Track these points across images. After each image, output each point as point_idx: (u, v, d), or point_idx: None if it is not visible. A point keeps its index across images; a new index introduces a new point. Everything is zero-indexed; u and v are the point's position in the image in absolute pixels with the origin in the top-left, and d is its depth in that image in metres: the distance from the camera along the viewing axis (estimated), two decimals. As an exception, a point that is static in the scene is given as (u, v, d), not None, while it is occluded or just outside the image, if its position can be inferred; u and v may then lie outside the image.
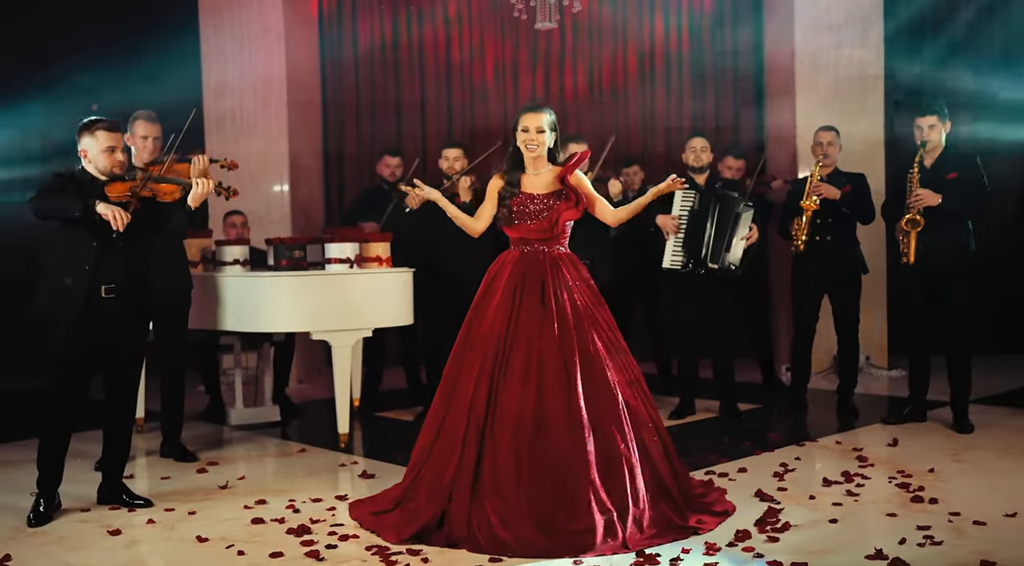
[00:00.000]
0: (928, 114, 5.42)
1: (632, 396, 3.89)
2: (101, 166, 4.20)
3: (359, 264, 5.41)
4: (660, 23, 8.73)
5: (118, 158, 4.21)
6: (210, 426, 6.22)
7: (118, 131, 4.25)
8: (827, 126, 6.14)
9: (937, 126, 5.42)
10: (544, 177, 4.06)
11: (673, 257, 5.88)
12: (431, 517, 3.70)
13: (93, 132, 4.19)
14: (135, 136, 5.02)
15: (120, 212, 4.01)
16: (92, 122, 4.22)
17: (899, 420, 5.67)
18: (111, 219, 4.00)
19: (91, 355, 4.19)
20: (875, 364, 7.65)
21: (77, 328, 4.10)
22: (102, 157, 4.18)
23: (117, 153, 4.20)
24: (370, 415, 6.47)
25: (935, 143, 5.44)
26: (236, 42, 7.89)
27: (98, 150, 4.18)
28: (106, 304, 4.14)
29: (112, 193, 4.18)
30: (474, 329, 3.99)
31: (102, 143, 4.17)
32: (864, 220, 6.07)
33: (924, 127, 5.43)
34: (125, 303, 4.21)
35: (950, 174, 5.39)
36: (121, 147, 4.23)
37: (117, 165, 4.21)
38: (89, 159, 4.22)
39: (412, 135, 8.81)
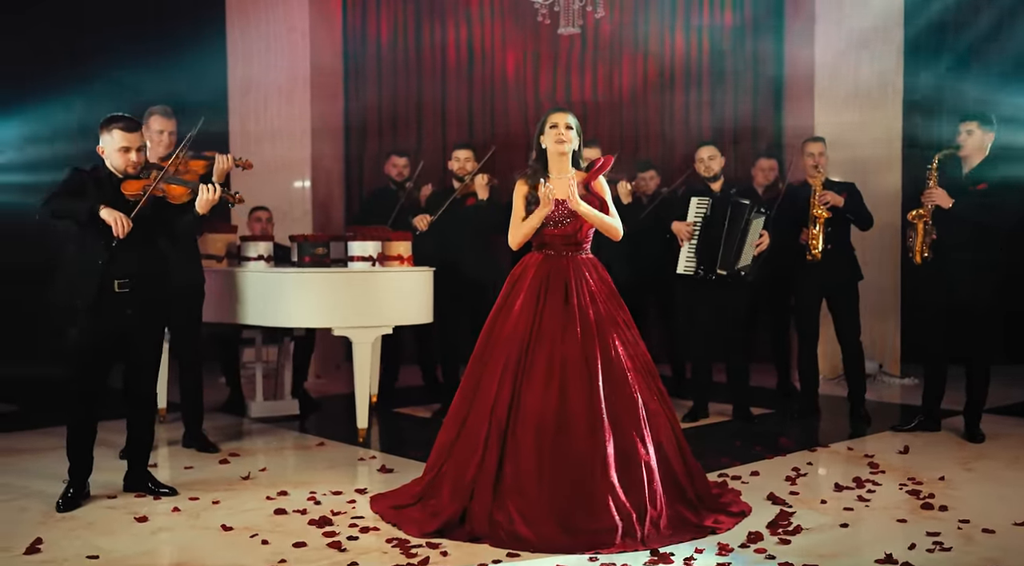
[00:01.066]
0: (969, 119, 5.42)
1: (651, 398, 3.97)
2: (115, 164, 4.27)
3: (381, 262, 5.51)
4: (680, 29, 8.81)
5: (132, 158, 4.24)
6: (230, 418, 6.33)
7: (136, 131, 4.27)
8: (816, 137, 6.26)
9: (976, 133, 5.38)
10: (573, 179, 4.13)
11: (687, 263, 5.96)
12: (453, 514, 3.79)
13: (111, 130, 4.25)
14: (150, 131, 5.12)
15: (123, 219, 4.09)
16: (111, 120, 4.27)
17: (910, 428, 5.72)
18: (113, 224, 4.08)
19: (109, 347, 4.29)
20: (888, 372, 7.71)
21: (93, 320, 4.20)
22: (116, 156, 4.25)
23: (132, 153, 4.24)
24: (387, 411, 6.57)
25: (971, 149, 5.40)
26: (262, 40, 8.02)
27: (113, 149, 4.24)
28: (120, 298, 4.24)
29: (127, 191, 4.26)
30: (497, 330, 4.06)
31: (117, 142, 4.23)
32: (865, 226, 6.14)
33: (963, 131, 5.42)
34: (139, 297, 4.29)
35: (980, 185, 5.37)
36: (137, 147, 4.25)
37: (131, 165, 4.26)
38: (106, 156, 4.30)
39: (433, 137, 8.91)
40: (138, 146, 4.27)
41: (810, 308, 6.16)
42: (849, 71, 7.75)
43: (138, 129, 4.30)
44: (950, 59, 8.24)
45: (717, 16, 8.80)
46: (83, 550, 3.63)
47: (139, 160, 4.29)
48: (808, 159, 6.08)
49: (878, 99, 7.76)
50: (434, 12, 8.89)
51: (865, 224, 6.12)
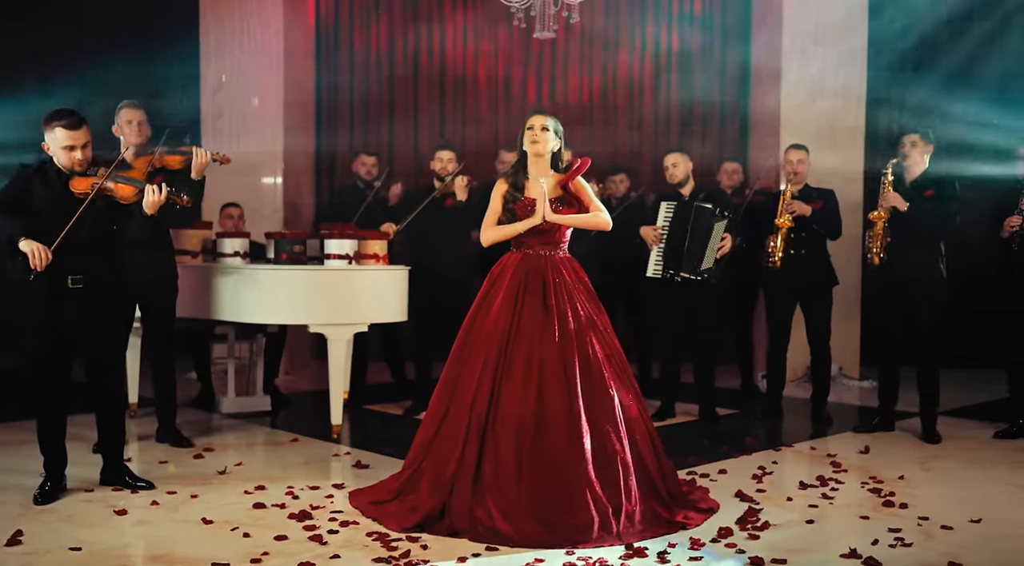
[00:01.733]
0: (912, 132, 5.69)
1: (627, 397, 4.08)
2: (61, 162, 4.24)
3: (357, 260, 5.57)
4: (651, 35, 8.97)
5: (77, 156, 4.20)
6: (200, 413, 6.35)
7: (79, 129, 4.19)
8: (797, 145, 6.38)
9: (919, 145, 5.65)
10: (547, 183, 4.23)
11: (655, 266, 6.10)
12: (432, 508, 3.87)
13: (53, 128, 4.18)
14: (121, 124, 5.15)
15: (41, 251, 4.00)
16: (53, 116, 4.19)
17: (869, 429, 5.91)
18: (30, 257, 4.00)
19: (66, 342, 4.26)
20: (848, 374, 7.91)
21: (48, 317, 4.18)
22: (61, 154, 4.21)
23: (76, 152, 4.19)
24: (358, 408, 6.62)
25: (914, 160, 5.66)
26: (235, 37, 8.03)
27: (57, 147, 4.21)
28: (74, 294, 4.22)
29: (75, 188, 4.24)
30: (476, 328, 4.14)
31: (60, 141, 4.18)
32: (832, 236, 6.30)
33: (907, 143, 5.69)
34: (94, 293, 4.27)
35: (927, 192, 5.62)
36: (82, 144, 4.20)
37: (76, 163, 4.21)
38: (52, 153, 4.26)
39: (405, 137, 8.97)
40: (83, 143, 4.21)
41: (783, 312, 6.32)
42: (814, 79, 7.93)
43: (81, 126, 4.21)
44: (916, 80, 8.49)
45: (686, 22, 8.96)
46: (65, 542, 3.66)
47: (85, 157, 4.23)
48: (787, 166, 6.25)
49: (842, 108, 7.95)
50: (407, 11, 8.95)
51: (833, 234, 6.28)
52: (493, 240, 4.26)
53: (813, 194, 6.25)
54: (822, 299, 6.30)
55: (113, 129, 5.24)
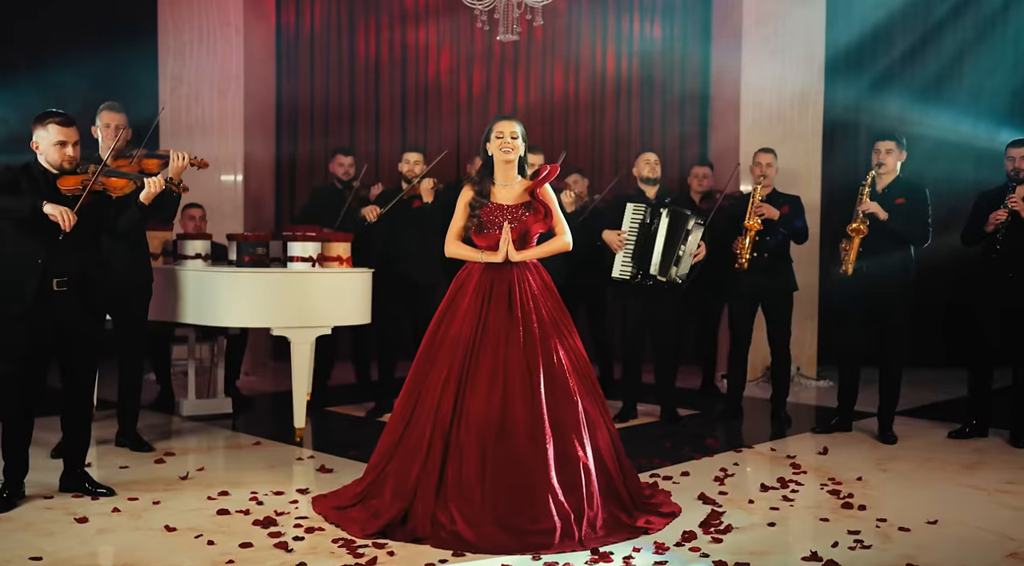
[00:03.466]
0: (888, 139, 5.76)
1: (590, 403, 4.10)
2: (51, 159, 4.23)
3: (321, 263, 5.55)
4: (612, 40, 9.02)
5: (68, 153, 4.21)
6: (160, 416, 6.28)
7: (72, 126, 4.23)
8: (766, 148, 6.44)
9: (894, 152, 5.73)
10: (514, 189, 4.24)
11: (622, 267, 6.12)
12: (395, 514, 3.86)
13: (46, 125, 4.20)
14: (100, 125, 5.12)
15: (67, 213, 4.06)
16: (45, 114, 4.23)
17: (827, 430, 6.00)
18: (59, 219, 4.05)
19: (47, 345, 4.25)
20: (805, 374, 8.03)
21: (31, 320, 4.15)
22: (52, 150, 4.21)
23: (68, 148, 4.21)
24: (321, 409, 6.60)
25: (889, 168, 5.75)
26: (194, 32, 7.95)
27: (49, 143, 4.20)
28: (58, 297, 4.20)
29: (64, 186, 4.22)
30: (441, 334, 4.14)
31: (53, 137, 4.19)
32: (798, 240, 6.39)
33: (882, 150, 5.75)
34: (77, 296, 4.26)
35: (898, 200, 5.71)
36: (73, 141, 4.22)
37: (67, 160, 4.22)
38: (41, 151, 4.25)
39: (366, 137, 8.95)
40: (74, 141, 4.24)
41: (744, 314, 6.40)
42: (773, 86, 8.03)
43: (73, 124, 4.26)
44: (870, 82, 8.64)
45: (648, 28, 9.02)
46: (25, 551, 3.60)
47: (75, 155, 4.25)
48: (756, 168, 6.31)
49: (799, 114, 8.07)
50: (368, 10, 8.92)
51: (798, 238, 6.36)
52: (454, 255, 4.28)
53: (780, 199, 6.32)
54: (783, 303, 6.38)
55: (92, 129, 5.18)
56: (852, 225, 5.70)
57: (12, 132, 7.03)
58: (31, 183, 4.21)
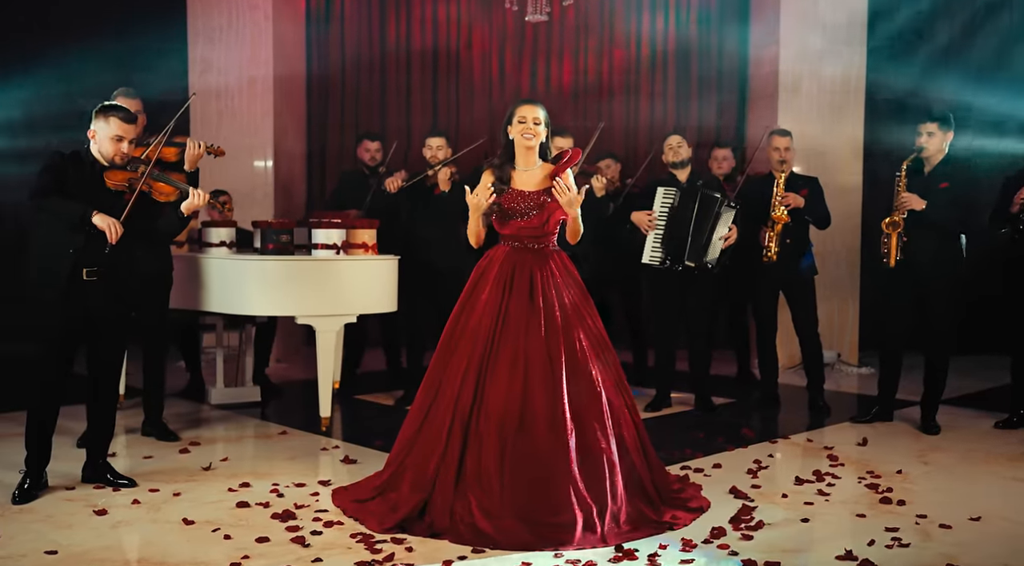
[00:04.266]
0: (930, 121, 5.50)
1: (614, 393, 3.98)
2: (105, 152, 4.23)
3: (345, 250, 5.46)
4: (647, 22, 8.81)
5: (123, 149, 4.23)
6: (189, 404, 6.26)
7: (133, 124, 4.27)
8: (782, 130, 6.22)
9: (937, 135, 5.46)
10: (535, 174, 4.11)
11: (652, 253, 5.97)
12: (413, 507, 3.78)
13: (108, 118, 4.21)
14: None
15: (115, 225, 4.08)
16: (110, 108, 4.24)
17: (867, 419, 5.81)
18: (107, 231, 4.07)
19: (75, 334, 4.23)
20: (846, 361, 7.82)
21: (60, 308, 4.14)
22: (108, 143, 4.21)
23: (124, 144, 4.22)
24: (350, 398, 6.54)
25: (933, 150, 5.48)
26: (223, 17, 7.88)
27: (106, 136, 4.20)
28: (88, 286, 4.18)
29: (110, 180, 4.24)
30: (462, 323, 4.04)
31: (112, 130, 4.20)
32: (822, 225, 6.18)
33: (924, 133, 5.50)
34: (106, 286, 4.24)
35: (942, 184, 5.46)
36: (130, 139, 4.24)
37: (120, 155, 4.23)
38: (96, 141, 4.25)
39: (397, 121, 8.85)
40: (131, 138, 4.27)
41: (767, 301, 6.23)
42: (814, 66, 7.78)
43: (134, 121, 4.30)
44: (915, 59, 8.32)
45: (684, 8, 8.80)
46: (41, 545, 3.57)
47: (129, 152, 4.27)
48: (774, 153, 6.10)
49: (842, 95, 7.81)
50: (400, -3, 8.81)
51: (822, 223, 6.17)
52: (474, 240, 4.15)
53: (799, 182, 6.13)
54: (805, 288, 6.19)
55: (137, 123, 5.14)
56: (888, 219, 5.48)
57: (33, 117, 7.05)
58: (78, 172, 4.21)
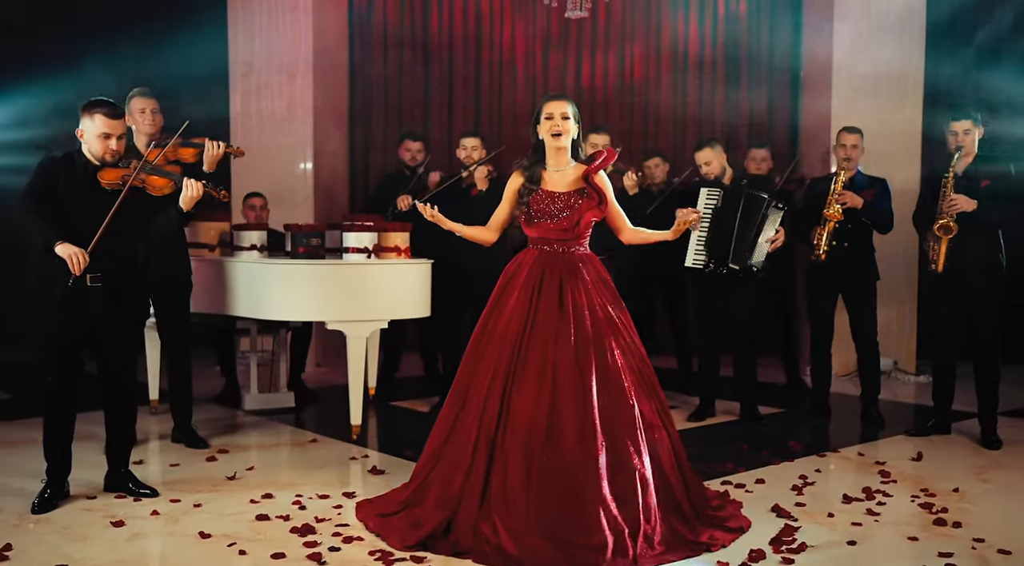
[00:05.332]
0: (963, 118, 5.24)
1: (648, 406, 3.77)
2: (94, 150, 4.11)
3: (377, 254, 5.32)
4: (695, 14, 8.55)
5: (112, 146, 4.09)
6: (224, 410, 6.18)
7: (119, 118, 4.12)
8: (852, 127, 5.94)
9: (972, 132, 5.25)
10: (567, 174, 3.94)
11: (696, 255, 5.75)
12: (437, 525, 3.62)
13: (92, 115, 4.08)
14: (133, 113, 5.01)
15: (79, 256, 3.91)
16: (94, 104, 4.10)
17: (923, 432, 5.52)
18: (69, 263, 3.91)
19: (80, 341, 4.13)
20: (903, 369, 7.49)
21: (64, 315, 4.03)
22: (96, 142, 4.09)
23: (112, 141, 4.08)
24: (385, 404, 6.41)
25: (969, 149, 5.26)
26: (264, 18, 7.81)
27: (93, 134, 4.08)
28: (92, 292, 4.07)
29: (104, 179, 4.11)
30: (488, 330, 3.88)
31: (98, 128, 4.07)
32: (883, 230, 5.91)
33: (959, 132, 5.25)
34: (112, 291, 4.12)
35: (983, 182, 5.21)
36: (118, 135, 4.10)
37: (110, 153, 4.10)
38: (84, 141, 4.14)
39: (439, 120, 8.71)
40: (119, 134, 4.11)
41: (824, 307, 5.95)
42: (868, 60, 7.47)
43: (122, 116, 4.14)
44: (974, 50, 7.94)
45: (733, 1, 8.52)
46: (52, 558, 3.47)
47: (119, 148, 4.13)
48: (840, 150, 5.84)
49: (898, 90, 7.48)
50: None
51: (884, 227, 5.89)
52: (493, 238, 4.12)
53: (865, 182, 5.85)
54: (865, 295, 5.91)
55: (125, 118, 5.07)
56: (939, 223, 5.19)
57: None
58: (70, 176, 4.09)
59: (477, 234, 4.09)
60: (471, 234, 4.09)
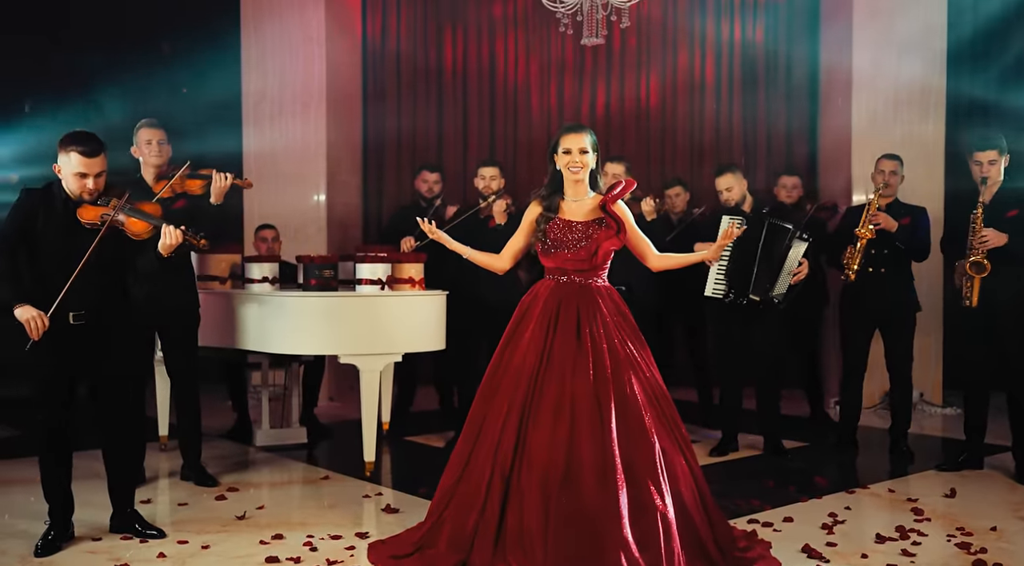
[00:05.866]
0: (988, 148, 5.10)
1: (670, 443, 3.62)
2: (71, 188, 3.97)
3: (391, 286, 5.21)
4: (711, 38, 8.46)
5: (88, 185, 3.93)
6: (235, 446, 6.06)
7: (96, 157, 3.92)
8: (891, 154, 5.82)
9: (998, 161, 5.12)
10: (585, 204, 3.83)
11: (716, 286, 5.61)
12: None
13: (68, 152, 3.91)
14: (140, 144, 4.95)
15: (37, 320, 3.76)
16: (71, 139, 3.92)
17: (955, 467, 5.33)
18: (27, 327, 3.77)
19: (67, 380, 3.99)
20: (930, 401, 7.29)
21: (49, 353, 3.87)
22: (72, 180, 3.94)
23: (88, 180, 3.92)
24: (399, 439, 6.27)
25: (995, 178, 5.12)
26: (277, 49, 7.78)
27: (69, 172, 3.94)
28: (75, 330, 3.94)
29: (83, 217, 3.97)
30: (503, 365, 3.76)
31: (74, 166, 3.91)
32: (918, 257, 5.76)
33: (984, 162, 5.12)
34: (97, 330, 3.99)
35: (1010, 212, 5.06)
36: (96, 173, 3.93)
37: (86, 192, 3.94)
38: (62, 176, 3.99)
39: (454, 151, 8.64)
40: (96, 172, 3.94)
41: (859, 338, 5.78)
42: (889, 80, 7.34)
43: (98, 154, 3.93)
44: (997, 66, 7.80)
45: (750, 24, 8.44)
46: (54, 604, 3.35)
47: (95, 187, 3.96)
48: (878, 176, 5.72)
49: (919, 116, 7.35)
50: (456, 23, 8.63)
51: (919, 255, 5.73)
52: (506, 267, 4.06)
53: (902, 210, 5.71)
54: (904, 324, 5.74)
55: (132, 150, 5.01)
56: (971, 260, 5.04)
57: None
58: (48, 211, 3.96)
59: (489, 260, 4.02)
60: (482, 259, 4.00)
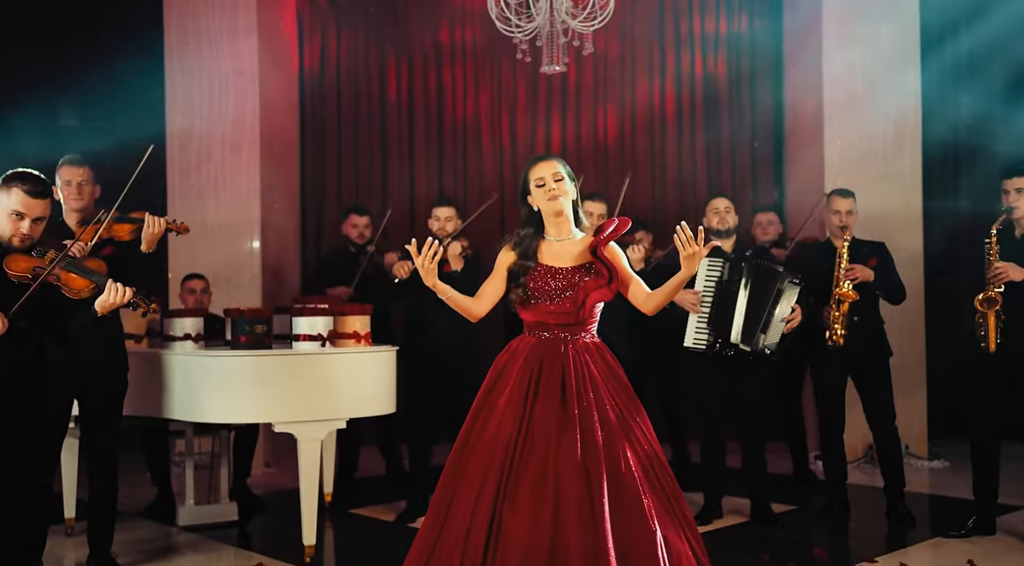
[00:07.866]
0: (1017, 175, 4.68)
1: (673, 529, 3.06)
2: (2, 230, 3.48)
3: (332, 342, 4.58)
4: (671, 70, 8.05)
5: (22, 229, 3.48)
6: (154, 527, 5.31)
7: (41, 200, 3.51)
8: (844, 190, 5.38)
9: None
10: (569, 247, 3.30)
11: (697, 335, 5.07)
12: None
13: (10, 188, 3.48)
14: (60, 185, 4.28)
15: None
16: (16, 176, 3.51)
17: (965, 533, 4.82)
18: None
19: None
20: (915, 454, 6.82)
21: None
22: (5, 219, 3.47)
23: (24, 222, 3.48)
24: (344, 512, 5.59)
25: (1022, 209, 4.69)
26: (204, 84, 7.12)
27: (4, 210, 3.45)
28: None
29: (11, 268, 3.45)
30: (475, 434, 3.20)
31: (12, 204, 3.47)
32: (895, 300, 5.33)
33: (1011, 191, 4.69)
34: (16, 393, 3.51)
35: None
36: (35, 217, 3.49)
37: (19, 237, 3.50)
38: None
39: (399, 191, 8.05)
40: (36, 216, 3.50)
41: (834, 391, 5.29)
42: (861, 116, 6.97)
43: (44, 197, 3.53)
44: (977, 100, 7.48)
45: (711, 55, 8.05)
46: None
47: (31, 233, 3.52)
48: (834, 217, 5.26)
49: (895, 147, 6.98)
50: (400, 55, 8.09)
51: (896, 297, 5.31)
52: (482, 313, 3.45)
53: (864, 249, 5.26)
54: (879, 374, 5.28)
55: (53, 191, 4.33)
56: (983, 296, 4.62)
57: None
58: None
59: (467, 305, 3.40)
60: (462, 304, 3.39)
